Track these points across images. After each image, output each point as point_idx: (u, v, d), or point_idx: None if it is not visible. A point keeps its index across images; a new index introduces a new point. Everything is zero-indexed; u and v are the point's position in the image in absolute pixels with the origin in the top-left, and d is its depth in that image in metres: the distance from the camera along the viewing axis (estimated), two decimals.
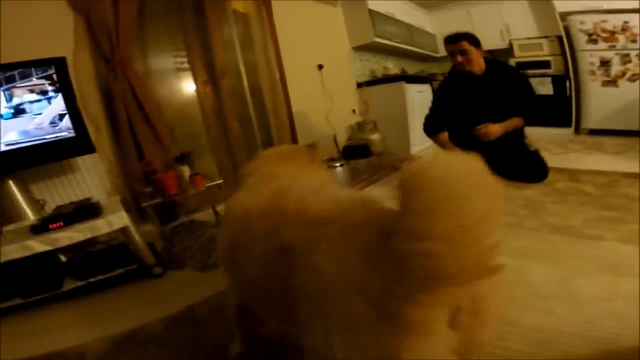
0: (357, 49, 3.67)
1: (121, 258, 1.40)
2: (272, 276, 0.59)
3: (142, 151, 1.82)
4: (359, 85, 3.60)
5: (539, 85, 3.80)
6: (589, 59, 3.51)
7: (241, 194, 0.79)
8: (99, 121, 1.82)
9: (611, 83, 3.40)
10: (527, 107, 2.05)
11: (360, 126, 3.36)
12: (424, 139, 3.46)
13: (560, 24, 3.71)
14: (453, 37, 2.01)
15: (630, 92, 3.30)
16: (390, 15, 3.67)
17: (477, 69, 2.00)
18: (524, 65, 4.02)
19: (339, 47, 3.51)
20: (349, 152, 2.68)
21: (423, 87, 3.53)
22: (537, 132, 3.94)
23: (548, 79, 3.81)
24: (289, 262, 0.55)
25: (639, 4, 3.29)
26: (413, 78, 3.48)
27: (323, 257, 0.49)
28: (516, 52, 4.13)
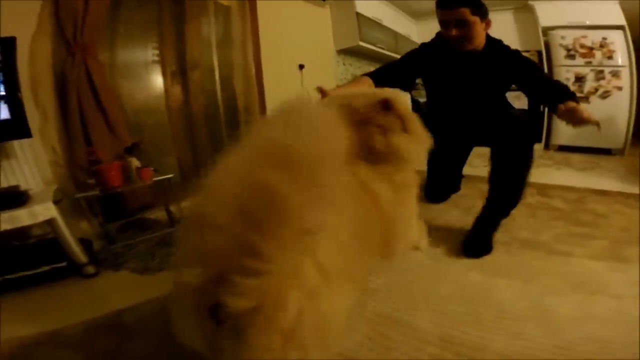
0: (341, 52, 3.62)
1: (50, 254, 1.24)
2: None
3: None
4: None
5: (515, 100, 3.86)
6: (565, 75, 3.58)
7: None
8: (47, 108, 1.68)
9: (583, 99, 3.47)
10: (555, 85, 1.45)
11: None
12: None
13: (541, 38, 3.81)
14: (449, 1, 1.37)
15: (600, 109, 3.37)
16: (378, 20, 3.66)
17: (477, 46, 1.45)
18: None
19: (323, 48, 3.43)
20: None
21: (403, 94, 3.50)
22: None
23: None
24: None
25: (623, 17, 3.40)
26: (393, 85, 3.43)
27: None
28: None
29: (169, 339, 0.50)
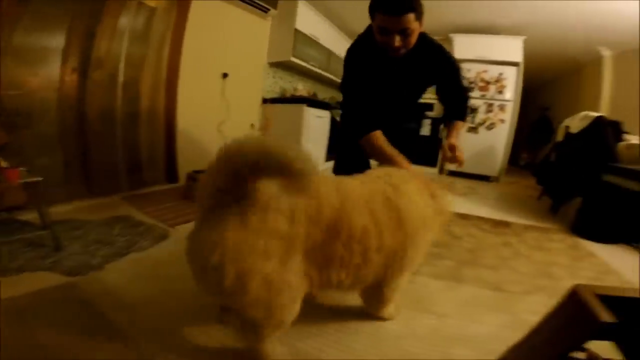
0: (273, 65, 3.66)
1: None
2: None
3: None
4: (265, 101, 3.56)
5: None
6: None
7: None
8: None
9: (473, 129, 3.98)
10: (458, 102, 1.52)
11: None
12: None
13: None
14: (396, 6, 1.19)
15: (486, 138, 3.89)
16: (315, 38, 3.77)
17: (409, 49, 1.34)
18: None
19: (254, 59, 3.44)
20: None
21: (323, 113, 3.65)
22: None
23: (429, 120, 4.29)
24: None
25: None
26: (315, 102, 3.58)
27: None
28: None
29: None
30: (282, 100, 3.60)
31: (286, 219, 0.70)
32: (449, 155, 1.34)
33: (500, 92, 3.91)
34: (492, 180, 3.95)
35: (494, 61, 3.97)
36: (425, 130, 4.22)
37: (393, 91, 1.52)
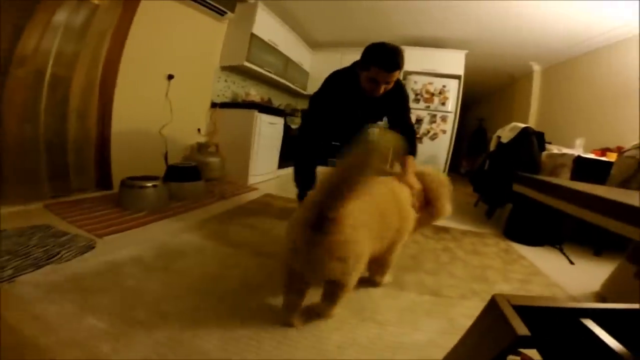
0: (225, 69, 3.54)
1: None
2: None
3: None
4: (214, 105, 3.41)
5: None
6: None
7: None
8: None
9: (418, 139, 4.18)
10: (410, 137, 1.83)
11: (201, 147, 3.14)
12: (264, 170, 3.50)
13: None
14: (391, 63, 1.48)
15: (429, 148, 4.09)
16: (273, 44, 3.71)
17: None
18: None
19: (205, 62, 3.30)
20: (174, 173, 2.40)
21: (276, 119, 3.59)
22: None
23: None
24: None
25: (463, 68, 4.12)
26: (268, 109, 3.52)
27: None
28: None
29: None
30: (233, 104, 3.48)
31: (367, 214, 1.03)
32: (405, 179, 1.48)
33: (443, 104, 4.14)
34: None
35: (438, 74, 4.19)
36: None
37: (358, 120, 1.83)
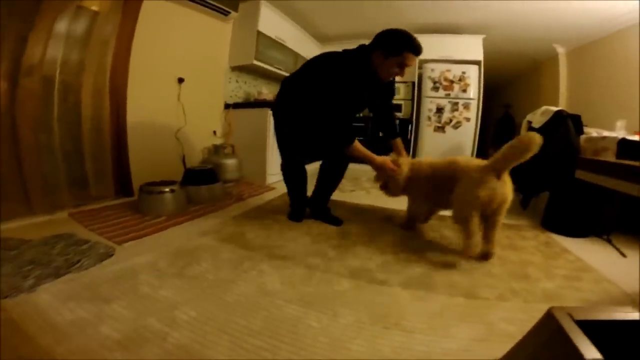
0: (235, 69, 3.51)
1: None
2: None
3: None
4: (227, 106, 3.39)
5: None
6: (429, 105, 4.01)
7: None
8: None
9: (440, 129, 3.98)
10: (394, 120, 2.15)
11: (217, 149, 3.12)
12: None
13: (416, 70, 4.22)
14: (420, 48, 1.64)
15: (453, 137, 3.89)
16: (280, 41, 3.64)
17: None
18: None
19: (214, 64, 3.28)
20: (191, 177, 2.38)
21: None
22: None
23: (397, 121, 4.26)
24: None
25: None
26: None
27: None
28: None
29: None
30: (246, 105, 3.44)
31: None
32: (396, 169, 1.80)
33: (464, 91, 3.93)
34: None
35: (456, 60, 4.00)
36: None
37: (362, 106, 1.92)
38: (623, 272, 1.52)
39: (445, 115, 3.93)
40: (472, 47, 3.95)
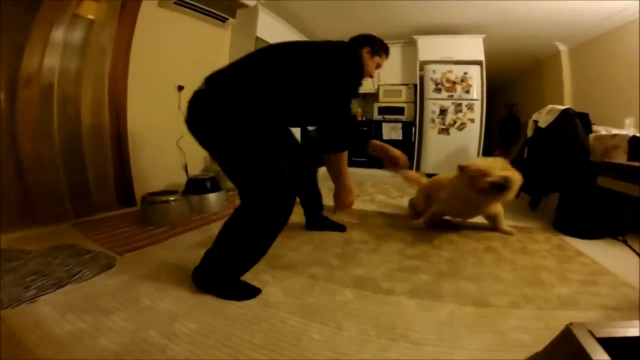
0: None
1: None
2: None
3: None
4: None
5: (392, 131, 4.20)
6: (432, 107, 3.96)
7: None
8: None
9: (444, 131, 3.92)
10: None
11: None
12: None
13: (417, 72, 4.20)
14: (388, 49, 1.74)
15: (457, 139, 3.84)
16: None
17: None
18: (384, 110, 4.42)
19: (214, 71, 3.26)
20: (194, 186, 2.37)
21: None
22: (383, 174, 4.31)
23: (399, 124, 4.23)
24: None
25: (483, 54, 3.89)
26: None
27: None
28: (380, 97, 4.52)
29: None
30: None
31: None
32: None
33: (467, 92, 3.88)
34: None
35: (457, 61, 3.97)
36: (397, 134, 4.17)
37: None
38: None
39: (449, 117, 3.89)
40: (472, 47, 3.92)
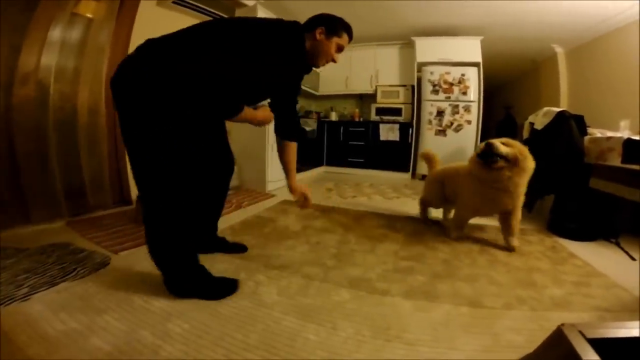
0: None
1: None
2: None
3: None
4: None
5: (389, 132, 4.21)
6: (429, 109, 3.97)
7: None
8: None
9: (441, 132, 3.94)
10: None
11: None
12: (282, 175, 3.40)
13: (415, 73, 4.21)
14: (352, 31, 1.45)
15: (454, 141, 3.85)
16: None
17: None
18: (382, 111, 4.42)
19: None
20: None
21: None
22: (380, 175, 4.33)
23: (397, 125, 4.23)
24: None
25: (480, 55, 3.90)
26: None
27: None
28: (378, 98, 4.53)
29: None
30: None
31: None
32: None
33: (464, 93, 3.89)
34: None
35: (454, 62, 3.98)
36: (394, 135, 4.18)
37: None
38: (633, 276, 1.47)
39: (446, 118, 3.89)
40: (470, 49, 3.93)
